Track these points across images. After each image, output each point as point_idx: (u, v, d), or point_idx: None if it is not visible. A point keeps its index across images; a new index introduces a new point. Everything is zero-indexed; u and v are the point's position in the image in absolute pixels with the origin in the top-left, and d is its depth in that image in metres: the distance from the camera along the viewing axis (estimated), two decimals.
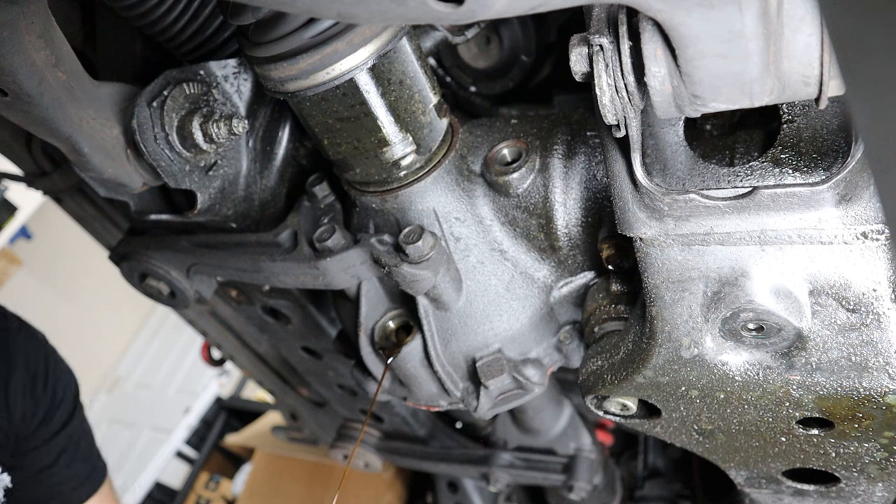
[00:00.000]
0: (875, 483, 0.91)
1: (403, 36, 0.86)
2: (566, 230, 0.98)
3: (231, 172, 1.11)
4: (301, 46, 0.80)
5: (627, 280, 0.97)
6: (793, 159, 0.69)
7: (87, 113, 0.94)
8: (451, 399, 1.11)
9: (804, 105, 0.69)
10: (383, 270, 0.99)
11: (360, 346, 1.09)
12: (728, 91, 0.55)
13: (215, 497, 4.45)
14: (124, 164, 1.02)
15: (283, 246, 1.09)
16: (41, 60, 0.81)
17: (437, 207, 0.97)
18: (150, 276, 1.25)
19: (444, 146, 0.98)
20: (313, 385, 1.80)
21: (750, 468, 0.98)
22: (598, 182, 0.95)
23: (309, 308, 1.41)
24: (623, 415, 0.96)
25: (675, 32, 0.51)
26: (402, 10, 0.48)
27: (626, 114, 0.62)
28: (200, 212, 1.09)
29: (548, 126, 1.00)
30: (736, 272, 0.72)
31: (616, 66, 0.59)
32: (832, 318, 0.71)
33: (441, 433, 1.90)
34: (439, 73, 1.39)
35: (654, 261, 0.75)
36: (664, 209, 0.69)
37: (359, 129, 0.89)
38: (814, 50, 0.51)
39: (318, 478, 2.99)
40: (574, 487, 1.62)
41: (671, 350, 0.80)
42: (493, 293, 1.02)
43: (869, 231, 0.65)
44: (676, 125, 0.74)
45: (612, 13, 0.59)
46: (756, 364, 0.77)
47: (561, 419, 1.68)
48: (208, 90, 1.02)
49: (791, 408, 0.79)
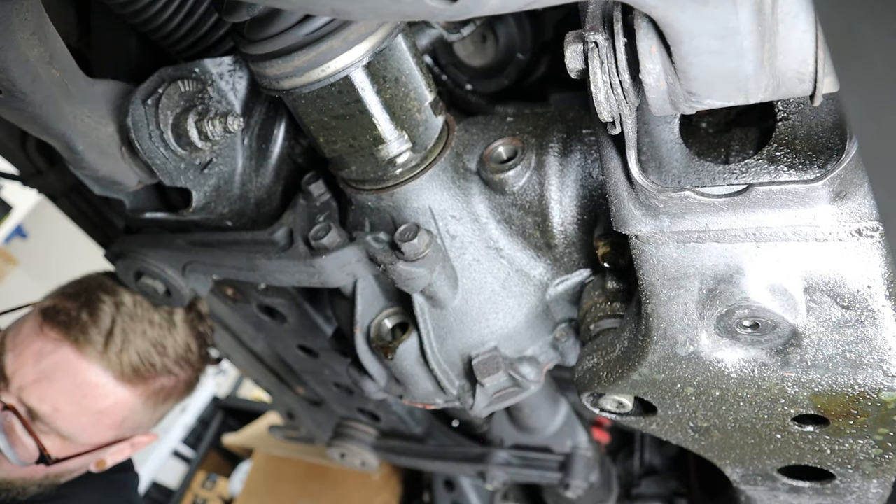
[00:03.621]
0: (870, 480, 0.92)
1: (399, 33, 0.85)
2: (562, 228, 0.98)
3: (226, 170, 1.10)
4: (296, 44, 0.80)
5: (623, 277, 0.97)
6: (788, 157, 0.70)
7: (82, 110, 0.94)
8: (447, 397, 1.11)
9: (799, 102, 0.69)
10: (379, 268, 0.99)
11: (356, 344, 1.09)
12: (723, 88, 0.55)
13: (212, 496, 4.45)
14: (119, 162, 1.02)
15: (278, 244, 1.09)
16: (35, 58, 0.81)
17: (432, 205, 0.97)
18: (145, 275, 1.25)
19: (440, 144, 0.98)
20: (310, 383, 1.80)
21: (745, 465, 0.98)
22: (594, 180, 0.95)
23: (305, 306, 1.41)
24: (619, 412, 0.96)
25: (669, 29, 0.51)
26: (397, 7, 0.48)
27: (622, 111, 0.62)
28: (196, 210, 1.08)
29: (543, 124, 1.00)
30: (731, 269, 0.72)
31: (611, 63, 0.58)
32: (827, 315, 0.71)
33: (437, 431, 1.90)
34: (435, 70, 1.38)
35: (649, 258, 0.75)
36: (659, 206, 0.69)
37: (354, 126, 0.89)
38: (808, 47, 0.51)
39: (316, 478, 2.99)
40: (570, 485, 1.62)
41: (667, 347, 0.80)
42: (489, 291, 1.02)
43: (863, 228, 0.65)
44: (672, 122, 0.74)
45: (607, 10, 0.59)
46: (751, 361, 0.77)
47: (557, 417, 1.68)
48: (203, 88, 1.02)
49: (786, 405, 0.80)
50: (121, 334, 1.41)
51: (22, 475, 1.40)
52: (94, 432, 1.41)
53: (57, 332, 1.38)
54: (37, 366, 1.37)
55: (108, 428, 1.43)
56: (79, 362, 1.38)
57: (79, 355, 1.38)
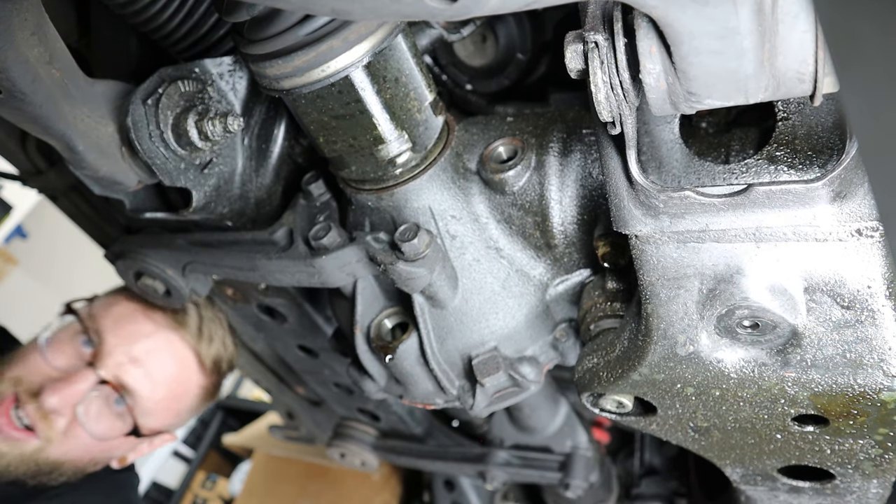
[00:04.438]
0: (870, 480, 0.91)
1: (399, 33, 0.85)
2: (562, 228, 0.98)
3: (226, 170, 1.10)
4: (296, 44, 0.80)
5: (623, 277, 0.97)
6: (788, 157, 0.70)
7: (82, 111, 0.94)
8: (447, 397, 1.11)
9: (799, 102, 0.69)
10: (379, 268, 0.99)
11: (357, 344, 1.09)
12: (723, 88, 0.55)
13: (212, 496, 4.44)
14: (119, 162, 1.02)
15: (278, 244, 1.09)
16: (35, 58, 0.81)
17: (432, 205, 0.97)
18: (145, 275, 1.25)
19: (440, 144, 0.98)
20: (309, 383, 1.80)
21: (745, 465, 0.98)
22: (594, 180, 0.95)
23: (305, 306, 1.41)
24: (619, 412, 0.96)
25: (669, 29, 0.51)
26: (396, 7, 0.48)
27: (622, 111, 0.62)
28: (196, 210, 1.08)
29: (543, 124, 0.99)
30: (731, 269, 0.72)
31: (611, 63, 0.58)
32: (827, 315, 0.71)
33: (437, 431, 1.90)
34: (435, 70, 1.38)
35: (649, 258, 0.75)
36: (659, 206, 0.69)
37: (354, 126, 0.89)
38: (808, 47, 0.51)
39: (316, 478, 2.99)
40: (570, 485, 1.62)
41: (667, 347, 0.80)
42: (489, 291, 1.02)
43: (863, 228, 0.65)
44: (672, 122, 0.74)
45: (606, 10, 0.59)
46: (751, 361, 0.77)
47: (557, 417, 1.68)
48: (203, 88, 1.02)
49: (786, 405, 0.80)
50: (206, 327, 1.48)
51: (74, 457, 1.40)
52: (163, 417, 1.44)
53: (160, 315, 1.42)
54: (138, 345, 1.39)
55: (173, 415, 1.47)
56: (180, 348, 1.42)
57: (181, 341, 1.42)
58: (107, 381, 1.35)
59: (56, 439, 1.35)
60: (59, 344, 1.40)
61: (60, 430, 1.35)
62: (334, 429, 1.96)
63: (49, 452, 1.36)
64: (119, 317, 1.43)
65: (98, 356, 1.37)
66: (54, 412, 1.33)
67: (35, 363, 1.37)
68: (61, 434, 1.35)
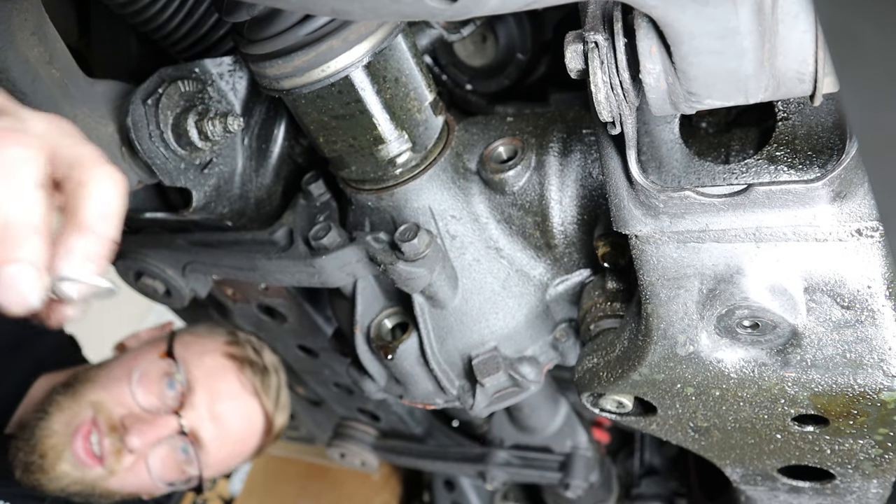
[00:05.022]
0: (870, 480, 0.91)
1: (399, 33, 0.85)
2: (562, 228, 0.98)
3: (226, 170, 1.10)
4: (296, 44, 0.80)
5: (623, 278, 0.97)
6: (788, 157, 0.70)
7: (82, 111, 0.94)
8: (447, 397, 1.11)
9: (799, 102, 0.69)
10: (379, 268, 0.99)
11: (356, 344, 1.09)
12: (723, 88, 0.55)
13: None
14: (119, 162, 1.02)
15: (278, 244, 1.09)
16: (35, 57, 0.81)
17: (432, 205, 0.97)
18: (145, 275, 1.25)
19: (440, 144, 0.98)
20: (309, 383, 1.80)
21: (745, 465, 0.98)
22: (594, 180, 0.95)
23: (305, 306, 1.41)
24: (619, 412, 0.96)
25: (669, 29, 0.51)
26: (396, 7, 0.48)
27: (622, 111, 0.62)
28: (195, 210, 1.08)
29: (543, 124, 0.99)
30: (731, 269, 0.72)
31: (611, 63, 0.58)
32: (827, 315, 0.71)
33: (437, 431, 1.90)
34: (435, 70, 1.38)
35: (649, 258, 0.75)
36: (659, 206, 0.69)
37: (354, 126, 0.89)
38: (808, 47, 0.51)
39: (316, 478, 2.99)
40: (570, 485, 1.62)
41: (667, 347, 0.80)
42: (489, 291, 1.02)
43: (863, 228, 0.65)
44: (672, 122, 0.74)
45: (606, 10, 0.59)
46: (751, 361, 0.77)
47: (557, 417, 1.68)
48: (203, 88, 1.02)
49: (786, 405, 0.80)
50: (283, 395, 1.54)
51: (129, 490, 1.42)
52: (216, 469, 1.48)
53: (249, 375, 1.47)
54: (222, 404, 1.43)
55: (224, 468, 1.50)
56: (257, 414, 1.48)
57: (260, 408, 1.47)
58: (190, 436, 1.38)
59: (119, 473, 1.37)
60: (148, 383, 1.41)
61: (126, 466, 1.37)
62: (334, 429, 1.96)
63: (109, 483, 1.37)
64: (211, 371, 1.45)
65: (184, 406, 1.39)
66: (132, 452, 1.35)
67: (121, 394, 1.38)
68: (126, 469, 1.37)
